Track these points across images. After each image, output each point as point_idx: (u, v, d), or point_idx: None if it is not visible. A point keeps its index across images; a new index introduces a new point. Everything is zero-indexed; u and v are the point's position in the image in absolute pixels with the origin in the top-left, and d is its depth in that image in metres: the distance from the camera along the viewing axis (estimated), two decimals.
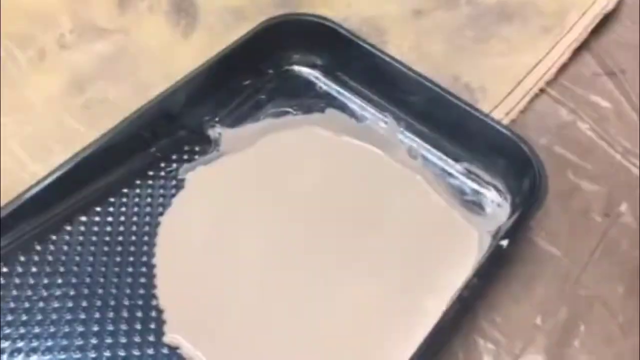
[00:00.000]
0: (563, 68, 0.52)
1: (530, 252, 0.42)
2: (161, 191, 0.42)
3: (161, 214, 0.41)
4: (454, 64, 0.52)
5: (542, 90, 0.50)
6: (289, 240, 0.41)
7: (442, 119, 0.46)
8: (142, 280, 0.38)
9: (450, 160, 0.45)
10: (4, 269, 0.37)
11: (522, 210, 0.39)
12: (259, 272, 0.39)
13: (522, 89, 0.50)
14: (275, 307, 0.37)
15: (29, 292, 0.36)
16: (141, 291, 0.37)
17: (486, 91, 0.50)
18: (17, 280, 0.37)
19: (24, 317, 0.36)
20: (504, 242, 0.37)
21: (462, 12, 0.56)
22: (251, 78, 0.49)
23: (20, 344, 0.35)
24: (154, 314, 0.37)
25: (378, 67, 0.48)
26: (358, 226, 0.42)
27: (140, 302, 0.37)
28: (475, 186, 0.44)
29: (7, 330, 0.35)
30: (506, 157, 0.43)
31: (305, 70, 0.50)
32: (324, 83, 0.50)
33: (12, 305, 0.36)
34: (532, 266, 0.41)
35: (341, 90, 0.49)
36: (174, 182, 0.43)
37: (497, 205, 0.43)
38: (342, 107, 0.48)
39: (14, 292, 0.36)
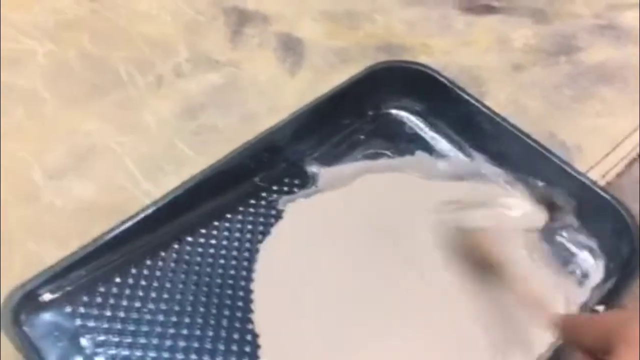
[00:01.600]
0: None
1: None
2: (261, 219, 0.44)
3: (260, 241, 0.43)
4: (550, 120, 0.52)
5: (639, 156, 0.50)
6: (377, 276, 0.42)
7: (537, 175, 0.46)
8: (240, 304, 0.40)
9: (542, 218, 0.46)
10: (117, 279, 0.40)
11: (619, 277, 0.39)
12: (351, 304, 0.40)
13: (620, 152, 0.50)
14: (364, 340, 0.39)
15: (138, 304, 0.39)
16: (239, 314, 0.39)
17: (582, 150, 0.50)
18: (128, 291, 0.39)
19: (132, 327, 0.38)
20: (600, 308, 0.37)
21: (561, 69, 0.56)
22: (352, 118, 0.51)
23: (125, 352, 0.37)
24: (249, 337, 0.38)
25: (475, 117, 0.49)
26: (442, 274, 0.42)
27: (237, 325, 0.39)
28: (569, 245, 0.44)
29: (116, 338, 0.37)
30: (602, 220, 0.43)
31: (403, 115, 0.52)
32: (420, 129, 0.51)
33: (122, 315, 0.38)
34: None
35: (436, 137, 0.50)
36: (273, 212, 0.45)
37: (590, 268, 0.43)
38: (436, 152, 0.50)
39: (125, 303, 0.39)
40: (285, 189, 0.46)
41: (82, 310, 0.38)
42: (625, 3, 0.62)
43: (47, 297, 0.38)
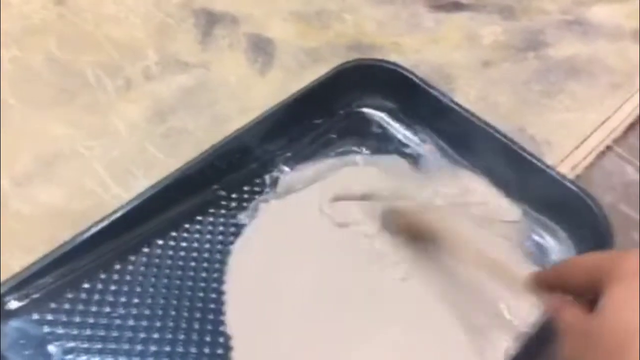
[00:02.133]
0: (631, 126, 0.52)
1: None
2: (232, 220, 0.44)
3: (232, 242, 0.43)
4: (520, 115, 0.53)
5: (608, 148, 0.51)
6: (350, 275, 0.42)
7: (507, 169, 0.47)
8: (212, 305, 0.40)
9: (513, 211, 0.46)
10: (86, 285, 0.39)
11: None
12: (325, 304, 0.40)
13: (589, 145, 0.51)
14: (337, 339, 0.39)
15: (108, 309, 0.39)
16: (211, 316, 0.39)
17: (551, 145, 0.51)
18: (97, 297, 0.39)
19: (102, 333, 0.38)
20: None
21: (530, 65, 0.57)
22: (323, 117, 0.51)
23: (96, 359, 0.37)
24: (222, 340, 0.38)
25: (445, 114, 0.49)
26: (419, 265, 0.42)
27: (209, 327, 0.39)
28: (537, 238, 0.44)
29: (85, 345, 0.37)
30: (571, 212, 0.44)
31: (374, 113, 0.52)
32: (391, 126, 0.51)
33: (91, 320, 0.38)
34: None
35: (408, 134, 0.51)
36: (244, 213, 0.44)
37: (560, 259, 0.43)
38: (406, 150, 0.50)
39: (94, 309, 0.39)
40: (257, 189, 0.46)
41: (49, 317, 0.38)
42: None
43: (13, 304, 0.38)
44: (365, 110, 0.52)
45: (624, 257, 0.27)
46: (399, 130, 0.51)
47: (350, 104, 0.52)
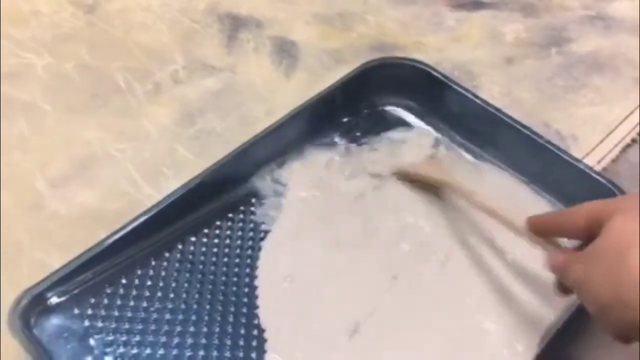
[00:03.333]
0: None
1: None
2: (262, 217, 0.45)
3: (263, 237, 0.44)
4: (544, 111, 0.53)
5: (633, 141, 0.51)
6: (382, 268, 0.42)
7: (533, 163, 0.47)
8: (245, 300, 0.40)
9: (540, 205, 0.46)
10: (124, 280, 0.40)
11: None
12: (359, 294, 0.41)
13: (614, 138, 0.51)
14: (370, 331, 0.39)
15: (145, 304, 0.40)
16: (244, 310, 0.40)
17: (577, 139, 0.51)
18: (134, 292, 0.40)
19: (140, 326, 0.39)
20: None
21: (553, 61, 0.57)
22: (347, 116, 0.51)
23: (134, 351, 0.38)
24: (255, 332, 0.39)
25: (470, 111, 0.50)
26: (445, 263, 0.43)
27: (243, 320, 0.39)
28: None
29: (124, 338, 0.38)
30: None
31: (398, 111, 0.53)
32: (415, 124, 0.52)
33: (129, 314, 0.39)
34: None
35: (432, 131, 0.51)
36: (274, 208, 0.45)
37: None
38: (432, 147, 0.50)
39: (132, 303, 0.40)
40: (282, 186, 0.47)
41: (89, 311, 0.39)
42: None
43: (54, 300, 0.39)
44: (389, 108, 0.53)
45: (623, 198, 0.29)
46: (423, 127, 0.51)
47: (375, 102, 0.53)
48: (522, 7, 0.62)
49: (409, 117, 0.52)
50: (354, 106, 0.52)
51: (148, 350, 0.38)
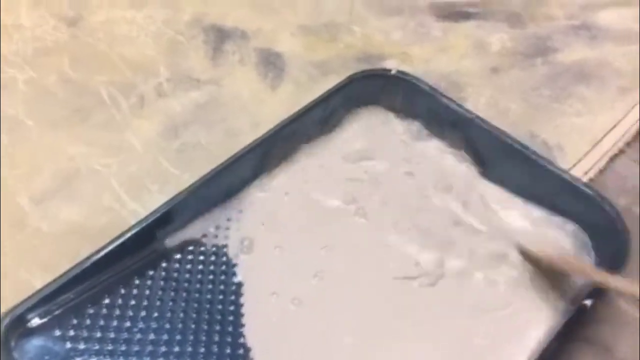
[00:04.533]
0: None
1: (611, 314, 0.42)
2: (248, 233, 0.44)
3: (249, 253, 0.43)
4: (530, 121, 0.53)
5: (621, 151, 0.51)
6: (370, 280, 0.42)
7: (520, 175, 0.47)
8: (231, 317, 0.40)
9: (527, 217, 0.46)
10: (107, 300, 0.40)
11: (608, 271, 0.40)
12: (344, 311, 0.40)
13: (601, 148, 0.51)
14: (356, 347, 0.39)
15: (128, 324, 0.39)
16: (230, 328, 0.39)
17: (564, 149, 0.51)
18: (117, 312, 0.39)
19: (124, 348, 0.38)
20: (588, 302, 0.37)
21: (539, 71, 0.57)
22: (335, 127, 0.51)
23: None
24: (241, 351, 0.38)
25: (457, 122, 0.49)
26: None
27: (229, 339, 0.39)
28: (553, 242, 0.44)
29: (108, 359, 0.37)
30: (586, 215, 0.44)
31: (385, 121, 0.52)
32: (402, 135, 0.52)
33: (112, 335, 0.38)
34: (613, 327, 0.41)
35: (419, 143, 0.51)
36: (261, 223, 0.45)
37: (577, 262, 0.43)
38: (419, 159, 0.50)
39: (115, 323, 0.39)
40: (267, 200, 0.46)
41: (71, 333, 0.38)
42: (598, 3, 0.63)
43: (35, 321, 0.38)
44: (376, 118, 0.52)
45: None
46: (409, 139, 0.51)
47: (361, 114, 0.52)
48: (507, 17, 0.62)
49: (396, 128, 0.52)
50: (341, 118, 0.51)
51: None
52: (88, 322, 0.39)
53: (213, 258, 0.43)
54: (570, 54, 0.59)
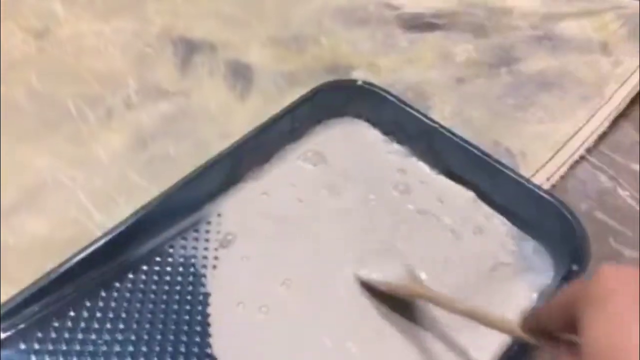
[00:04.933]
0: (603, 136, 0.54)
1: None
2: (216, 244, 0.45)
3: (216, 266, 0.43)
4: (494, 129, 0.54)
5: (582, 157, 0.52)
6: (338, 287, 0.43)
7: (482, 182, 0.48)
8: (198, 328, 0.40)
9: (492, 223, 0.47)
10: (72, 313, 0.40)
11: (565, 276, 0.41)
12: (311, 321, 0.41)
13: (562, 155, 0.52)
14: (324, 355, 0.39)
15: (94, 336, 0.39)
16: (197, 339, 0.39)
17: (526, 156, 0.52)
18: (83, 325, 0.39)
19: None
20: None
21: (502, 80, 0.58)
22: (303, 138, 0.52)
23: None
24: None
25: (422, 131, 0.50)
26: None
27: (195, 350, 0.39)
28: (514, 249, 0.45)
29: None
30: (547, 222, 0.45)
31: (352, 131, 0.53)
32: (370, 144, 0.52)
33: (78, 348, 0.38)
34: None
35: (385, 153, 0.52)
36: (228, 234, 0.45)
37: (539, 268, 0.44)
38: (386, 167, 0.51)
39: (80, 336, 0.39)
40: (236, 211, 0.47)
41: (36, 346, 0.38)
42: (559, 13, 0.65)
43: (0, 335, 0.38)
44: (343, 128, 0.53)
45: (588, 284, 0.26)
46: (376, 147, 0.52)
47: (328, 124, 0.53)
48: (473, 27, 0.63)
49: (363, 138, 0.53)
50: (308, 129, 0.52)
51: None
52: (53, 335, 0.38)
53: (180, 269, 0.43)
54: (533, 64, 0.60)
